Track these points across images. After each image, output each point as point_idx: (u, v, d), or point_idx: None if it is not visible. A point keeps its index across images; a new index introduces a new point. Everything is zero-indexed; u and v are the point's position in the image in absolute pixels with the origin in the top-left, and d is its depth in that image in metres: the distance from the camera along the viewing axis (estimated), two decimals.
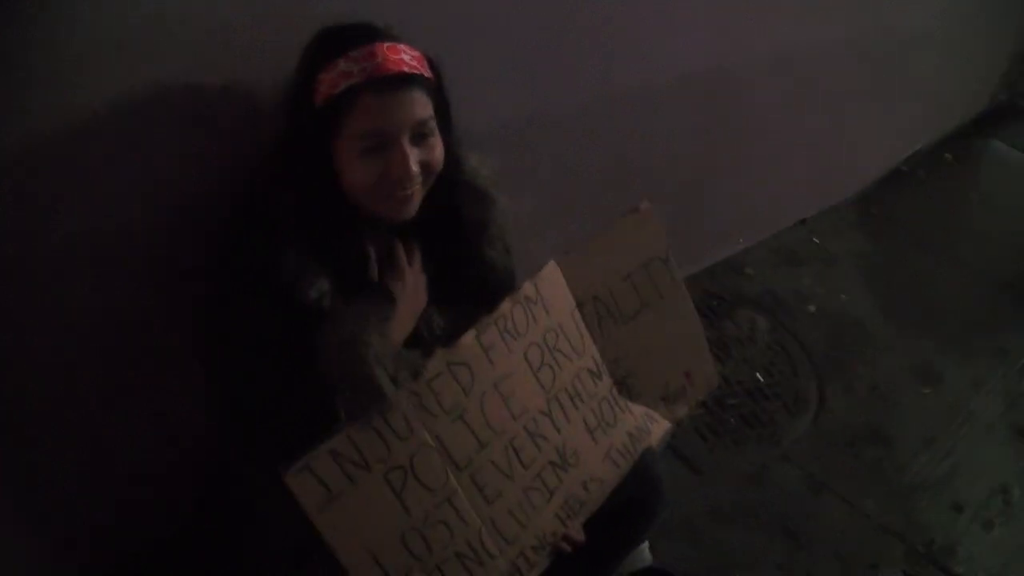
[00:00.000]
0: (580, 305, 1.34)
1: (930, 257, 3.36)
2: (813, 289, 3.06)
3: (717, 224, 2.92)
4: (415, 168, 1.17)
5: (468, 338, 1.19)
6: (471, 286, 1.34)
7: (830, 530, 2.18)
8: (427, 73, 1.20)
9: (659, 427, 1.45)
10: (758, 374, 2.63)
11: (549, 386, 1.28)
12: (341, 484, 1.05)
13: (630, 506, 1.45)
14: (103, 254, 1.26)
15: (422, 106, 1.17)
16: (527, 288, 1.26)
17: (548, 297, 1.29)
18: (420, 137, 1.19)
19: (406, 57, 1.16)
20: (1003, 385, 2.74)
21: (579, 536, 1.33)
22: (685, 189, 2.59)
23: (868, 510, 2.25)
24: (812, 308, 2.96)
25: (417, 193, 1.22)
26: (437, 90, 1.23)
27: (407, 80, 1.15)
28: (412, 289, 1.26)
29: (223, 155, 1.30)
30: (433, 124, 1.20)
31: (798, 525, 2.18)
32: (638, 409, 1.43)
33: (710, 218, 2.83)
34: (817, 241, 3.31)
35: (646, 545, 1.78)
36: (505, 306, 1.24)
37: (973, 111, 4.21)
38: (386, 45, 1.15)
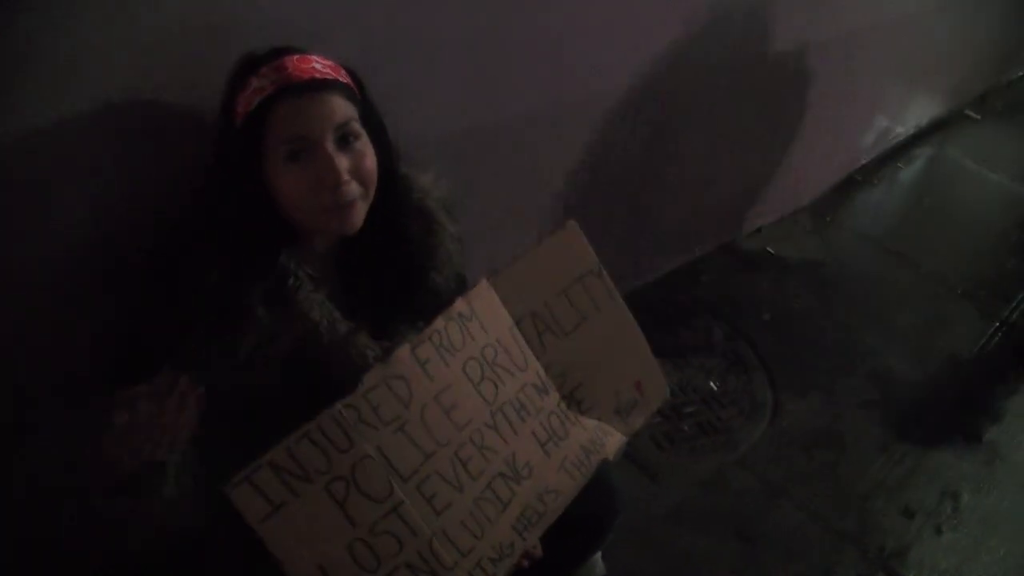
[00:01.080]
0: (518, 321, 1.34)
1: (884, 264, 3.42)
2: (769, 296, 3.09)
3: (673, 232, 2.94)
4: (344, 173, 1.15)
5: (403, 352, 1.18)
6: (416, 314, 1.32)
7: (785, 535, 2.20)
8: (343, 79, 1.19)
9: (614, 439, 1.45)
10: (713, 382, 2.64)
11: (492, 399, 1.28)
12: (282, 495, 1.03)
13: (584, 518, 1.44)
14: (101, 254, 1.26)
15: (342, 109, 1.16)
16: (459, 305, 1.26)
17: (483, 314, 1.28)
18: (345, 142, 1.17)
19: (317, 65, 1.16)
20: (955, 390, 2.78)
21: (537, 551, 1.33)
22: (640, 197, 2.60)
23: (823, 515, 2.27)
24: (767, 315, 2.99)
25: (358, 204, 1.20)
26: (360, 99, 1.21)
27: (320, 84, 1.14)
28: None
29: None
30: (357, 128, 1.19)
31: (754, 530, 2.20)
32: (591, 423, 1.42)
33: (665, 226, 2.85)
34: (772, 249, 3.34)
35: (599, 556, 1.77)
36: (439, 322, 1.23)
37: (925, 120, 4.28)
38: (296, 57, 1.15)
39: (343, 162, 1.15)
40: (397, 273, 1.34)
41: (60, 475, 1.17)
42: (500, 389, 1.29)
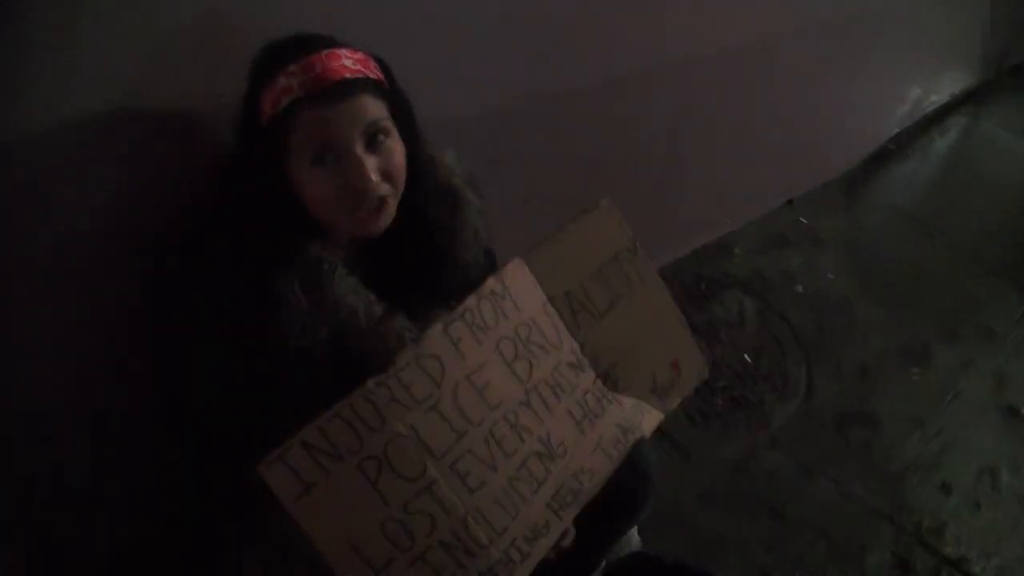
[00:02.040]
0: (552, 300, 1.31)
1: (918, 237, 3.36)
2: (801, 270, 3.05)
3: (704, 207, 2.90)
4: (374, 176, 1.13)
5: (436, 330, 1.16)
6: (446, 292, 1.30)
7: (819, 513, 2.18)
8: (373, 75, 1.15)
9: (651, 418, 1.43)
10: (747, 356, 2.61)
11: (526, 378, 1.26)
12: (315, 475, 1.03)
13: (619, 495, 1.42)
14: (97, 254, 1.25)
15: (371, 109, 1.13)
16: (491, 283, 1.24)
17: (516, 292, 1.27)
18: (374, 142, 1.14)
19: (347, 62, 1.11)
20: (991, 366, 2.74)
21: (566, 540, 1.31)
22: (670, 172, 2.57)
23: (857, 492, 2.24)
24: (800, 289, 2.95)
25: (389, 204, 1.18)
26: (390, 92, 1.18)
27: (350, 85, 1.11)
28: None
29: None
30: (387, 125, 1.16)
31: (787, 508, 2.17)
32: (628, 401, 1.41)
33: (696, 201, 2.81)
34: (804, 222, 3.30)
35: (635, 530, 1.77)
36: (471, 301, 1.21)
37: (959, 90, 4.19)
38: (324, 53, 1.10)
39: (372, 163, 1.13)
40: (426, 254, 1.33)
41: None
42: (534, 367, 1.28)
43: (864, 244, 3.27)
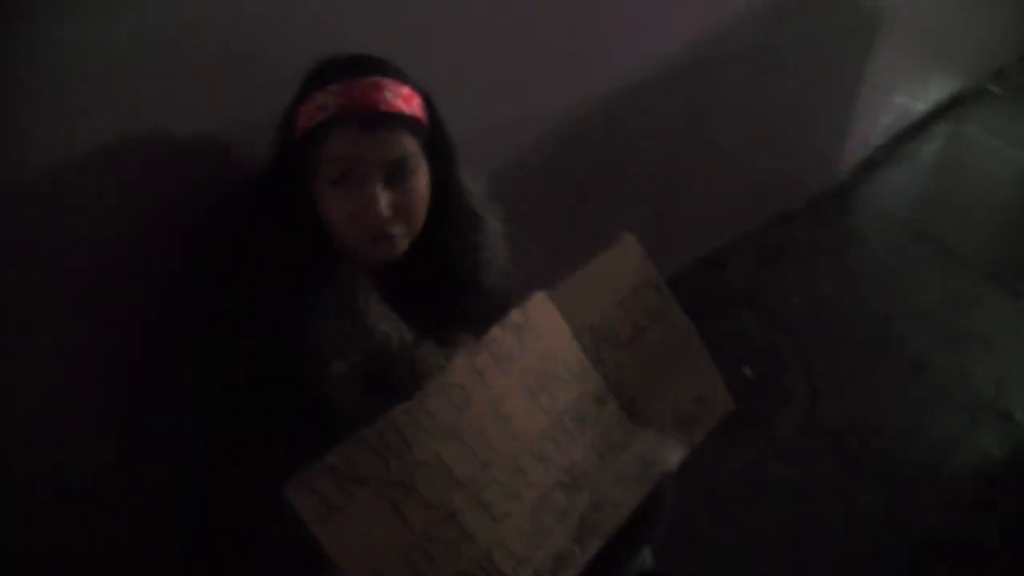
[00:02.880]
0: (576, 332, 1.32)
1: (909, 246, 3.38)
2: (796, 283, 3.06)
3: (699, 220, 2.91)
4: (385, 212, 1.13)
5: (461, 360, 1.17)
6: (469, 315, 1.31)
7: (824, 525, 2.17)
8: (412, 112, 1.15)
9: (675, 452, 1.42)
10: (747, 371, 2.62)
11: (550, 409, 1.27)
12: (340, 498, 1.03)
13: (634, 517, 1.42)
14: (100, 259, 1.25)
15: (399, 146, 1.13)
16: (515, 315, 1.25)
17: (539, 325, 1.28)
18: (395, 179, 1.15)
19: (388, 95, 1.12)
20: (989, 373, 2.75)
21: None
22: (665, 186, 2.58)
23: (862, 503, 2.24)
24: (797, 301, 2.96)
25: (401, 236, 1.19)
26: (428, 131, 1.19)
27: (383, 118, 1.11)
28: None
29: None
30: (414, 163, 1.16)
31: (792, 521, 2.17)
32: (651, 434, 1.41)
33: (692, 215, 2.82)
34: (800, 234, 3.31)
35: (648, 550, 1.76)
36: (495, 331, 1.22)
37: (944, 95, 4.23)
38: (368, 81, 1.11)
39: (387, 197, 1.13)
40: (450, 279, 1.34)
41: None
42: (558, 399, 1.29)
43: (857, 254, 3.29)
